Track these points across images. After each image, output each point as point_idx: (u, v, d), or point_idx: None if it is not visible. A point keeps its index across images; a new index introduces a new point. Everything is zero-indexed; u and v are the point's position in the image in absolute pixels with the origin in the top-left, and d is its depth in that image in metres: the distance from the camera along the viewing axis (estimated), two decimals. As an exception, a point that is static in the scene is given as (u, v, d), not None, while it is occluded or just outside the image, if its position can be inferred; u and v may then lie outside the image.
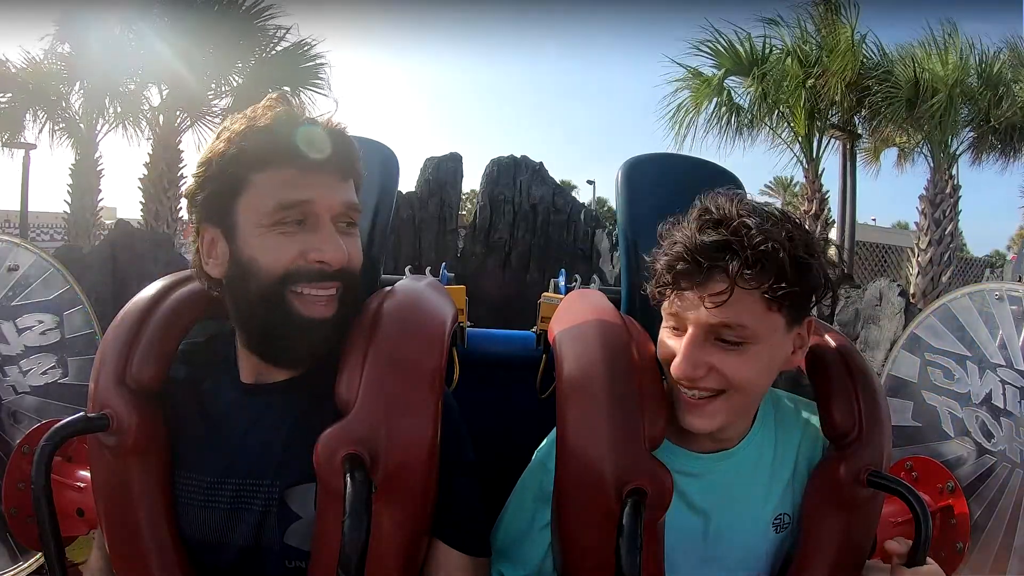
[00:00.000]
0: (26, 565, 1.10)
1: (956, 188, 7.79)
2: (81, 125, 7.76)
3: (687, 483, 0.81)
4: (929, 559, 0.76)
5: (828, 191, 8.37)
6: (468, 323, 1.27)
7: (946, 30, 7.29)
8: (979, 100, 7.32)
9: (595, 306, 0.93)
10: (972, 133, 7.76)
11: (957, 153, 7.79)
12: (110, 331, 0.82)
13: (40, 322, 1.19)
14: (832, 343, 0.89)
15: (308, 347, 0.77)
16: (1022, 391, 1.09)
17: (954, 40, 7.27)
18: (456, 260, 6.58)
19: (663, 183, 1.11)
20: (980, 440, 1.11)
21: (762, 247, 0.70)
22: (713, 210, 0.75)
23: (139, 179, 7.83)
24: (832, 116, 8.12)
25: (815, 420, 0.88)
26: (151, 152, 7.80)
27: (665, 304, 0.78)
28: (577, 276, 1.40)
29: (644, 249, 1.07)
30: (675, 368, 0.75)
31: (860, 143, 8.76)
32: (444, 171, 6.55)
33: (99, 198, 8.07)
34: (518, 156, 6.56)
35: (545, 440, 0.91)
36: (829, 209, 8.36)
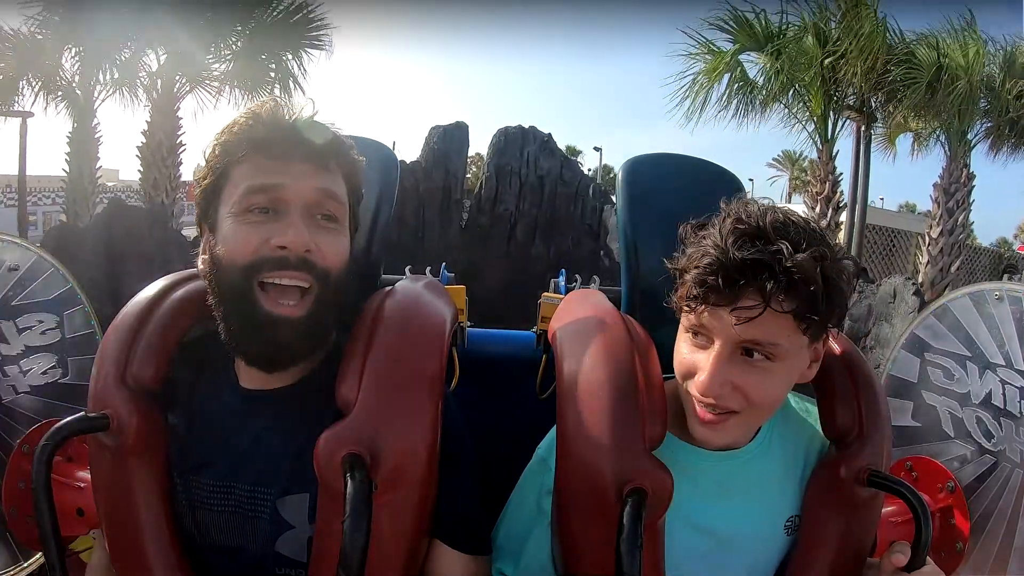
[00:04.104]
0: (26, 565, 1.10)
1: (970, 177, 7.67)
2: (78, 92, 7.54)
3: (692, 484, 0.80)
4: (929, 559, 0.76)
5: (841, 173, 8.21)
6: (468, 323, 1.27)
7: (964, 20, 7.15)
8: (1000, 91, 7.16)
9: (595, 306, 0.93)
10: (989, 123, 7.59)
11: (973, 143, 7.66)
12: (110, 331, 0.82)
13: (40, 322, 1.19)
14: (833, 343, 0.89)
15: (277, 346, 0.75)
16: (1022, 391, 1.09)
17: (973, 30, 7.13)
18: (460, 231, 6.41)
19: (664, 183, 1.11)
20: (980, 440, 1.11)
21: (798, 273, 0.68)
22: (747, 221, 0.71)
23: (137, 147, 7.66)
24: (848, 97, 7.91)
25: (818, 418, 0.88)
26: (149, 120, 7.63)
27: (689, 315, 0.76)
28: (577, 276, 1.40)
29: (644, 249, 1.07)
30: (700, 385, 0.74)
31: (875, 127, 8.54)
32: (449, 140, 6.35)
33: (97, 166, 7.87)
34: (526, 127, 6.36)
35: (545, 439, 0.91)
36: (841, 192, 8.21)
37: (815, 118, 7.99)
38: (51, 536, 0.72)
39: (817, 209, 8.22)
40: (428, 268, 1.37)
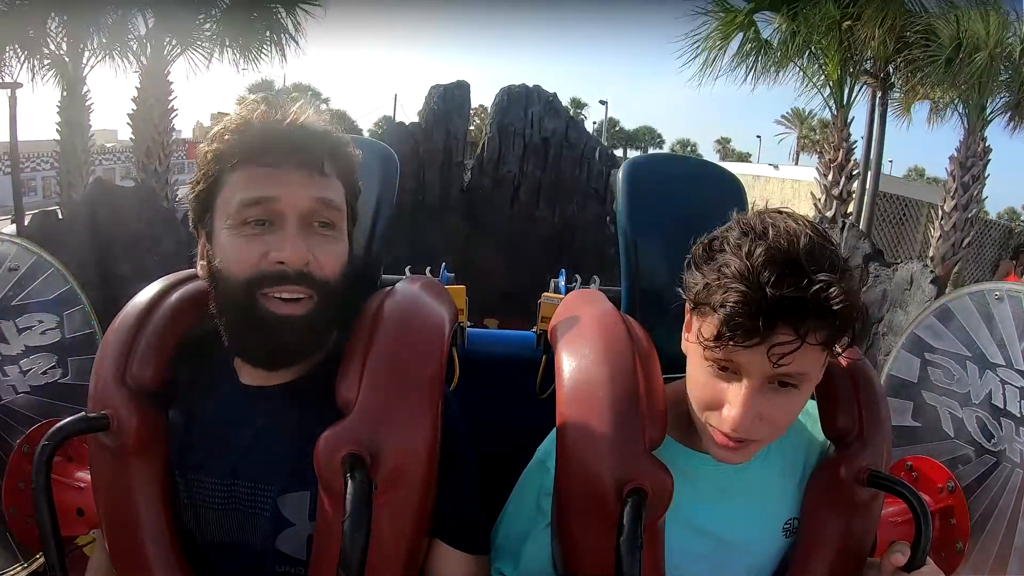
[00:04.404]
0: (26, 565, 1.10)
1: (987, 151, 7.46)
2: (66, 59, 7.38)
3: (692, 487, 0.80)
4: (929, 559, 0.76)
5: (856, 141, 7.98)
6: (468, 323, 1.27)
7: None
8: (1020, 63, 6.88)
9: (595, 306, 0.93)
10: (1008, 96, 7.33)
11: (990, 116, 7.41)
12: (110, 331, 0.83)
13: (40, 322, 1.19)
14: None
15: (278, 345, 0.76)
16: (1022, 391, 1.09)
17: (995, 2, 6.89)
18: (462, 194, 6.25)
19: (664, 184, 1.11)
20: (980, 440, 1.11)
21: (840, 308, 0.63)
22: (779, 248, 0.65)
23: (128, 114, 7.47)
24: (866, 62, 7.69)
25: (818, 419, 0.88)
26: (139, 85, 7.47)
27: (714, 350, 0.69)
28: (577, 276, 1.40)
29: (644, 249, 1.07)
30: (730, 422, 0.70)
31: (892, 94, 8.25)
32: (450, 100, 6.08)
33: (90, 133, 7.72)
34: (530, 85, 6.14)
35: (545, 440, 0.91)
36: (856, 161, 7.97)
37: (831, 82, 7.74)
38: (51, 536, 0.72)
39: (829, 177, 7.99)
40: (428, 268, 1.37)
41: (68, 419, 0.75)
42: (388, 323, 0.78)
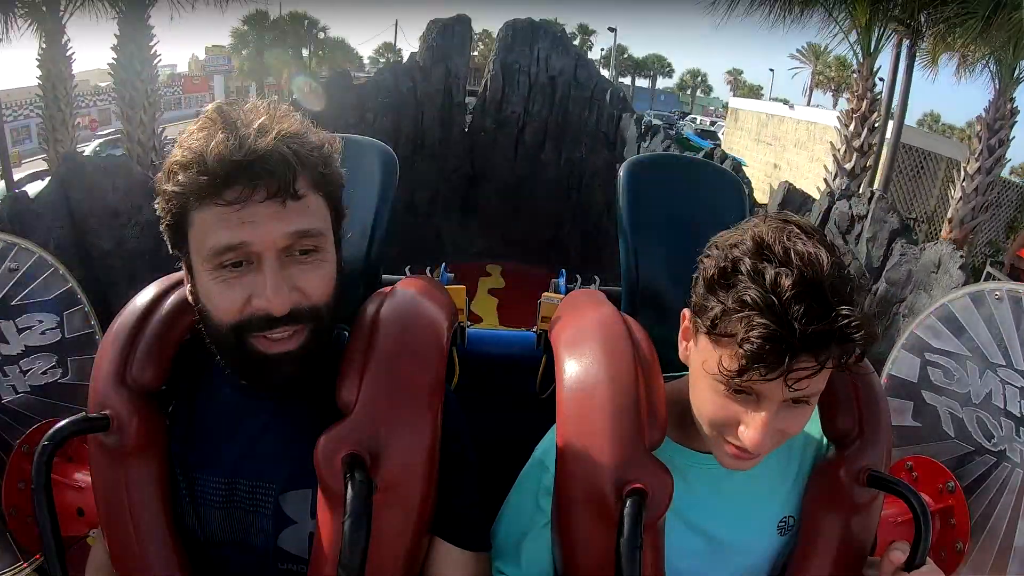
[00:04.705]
0: (26, 565, 1.10)
1: (1014, 112, 7.23)
2: (43, 8, 7.08)
3: (686, 486, 0.80)
4: (929, 559, 0.76)
5: (880, 92, 7.59)
6: (468, 323, 1.28)
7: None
8: None
9: (595, 306, 0.93)
10: None
11: (1020, 76, 7.11)
12: (110, 332, 0.83)
13: (40, 322, 1.19)
14: None
15: (277, 378, 0.74)
16: (1022, 391, 1.09)
17: None
18: (462, 136, 5.94)
19: (665, 183, 1.11)
20: (980, 440, 1.10)
21: (862, 342, 0.64)
22: (798, 277, 0.63)
23: (108, 64, 7.26)
24: (894, 9, 7.31)
25: (814, 417, 0.88)
26: (119, 33, 7.23)
27: (722, 369, 0.68)
28: (577, 276, 1.40)
29: (644, 249, 1.07)
30: (751, 442, 0.69)
31: (920, 44, 7.93)
32: (449, 37, 5.76)
33: (73, 84, 7.46)
34: (536, 20, 5.70)
35: (544, 438, 0.91)
36: (879, 113, 7.56)
37: (858, 27, 7.33)
38: (51, 536, 0.72)
39: (851, 127, 7.54)
40: (428, 268, 1.37)
41: (68, 419, 0.75)
42: (388, 323, 0.78)
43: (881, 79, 7.88)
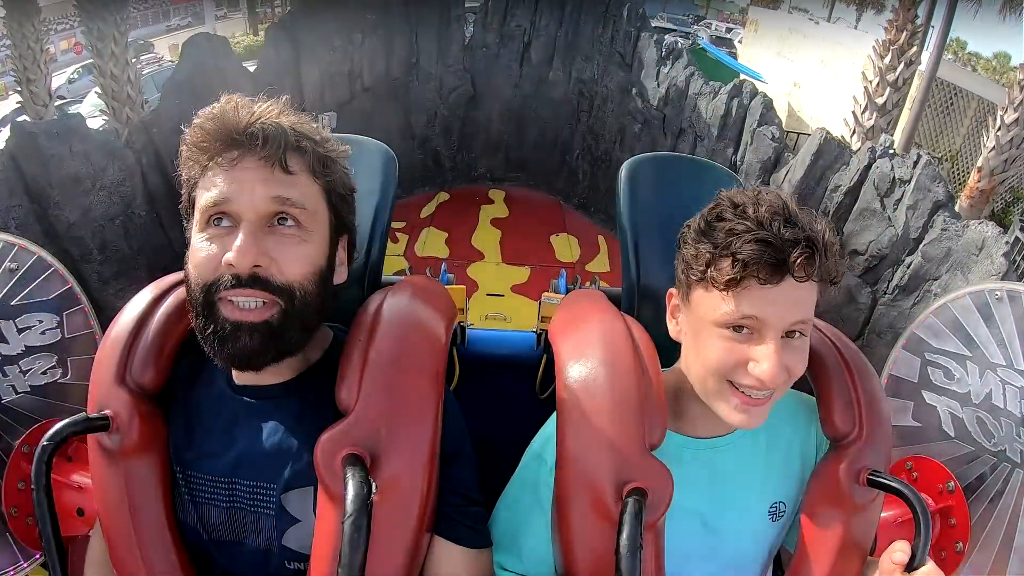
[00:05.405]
0: (26, 565, 1.10)
1: None
2: None
3: (680, 470, 0.80)
4: (929, 559, 0.76)
5: (921, 24, 6.90)
6: (468, 323, 1.28)
7: None
8: None
9: (595, 306, 0.93)
10: None
11: None
12: (110, 332, 0.83)
13: (40, 322, 1.18)
14: (832, 343, 0.89)
15: (236, 350, 0.72)
16: (1022, 391, 1.09)
17: None
18: (462, 51, 5.32)
19: (665, 183, 1.11)
20: (980, 440, 1.10)
21: (833, 245, 0.74)
22: (779, 207, 0.75)
23: (73, 4, 6.47)
24: None
25: (801, 403, 0.90)
26: None
27: (723, 308, 0.74)
28: (578, 276, 1.40)
29: (644, 249, 1.07)
30: (766, 374, 0.73)
31: None
32: None
33: (40, 18, 6.87)
34: None
35: (540, 432, 0.91)
36: (917, 46, 6.88)
37: None
38: (51, 536, 0.72)
39: (887, 60, 6.94)
40: (428, 268, 1.37)
41: (68, 419, 0.75)
42: (388, 323, 0.78)
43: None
